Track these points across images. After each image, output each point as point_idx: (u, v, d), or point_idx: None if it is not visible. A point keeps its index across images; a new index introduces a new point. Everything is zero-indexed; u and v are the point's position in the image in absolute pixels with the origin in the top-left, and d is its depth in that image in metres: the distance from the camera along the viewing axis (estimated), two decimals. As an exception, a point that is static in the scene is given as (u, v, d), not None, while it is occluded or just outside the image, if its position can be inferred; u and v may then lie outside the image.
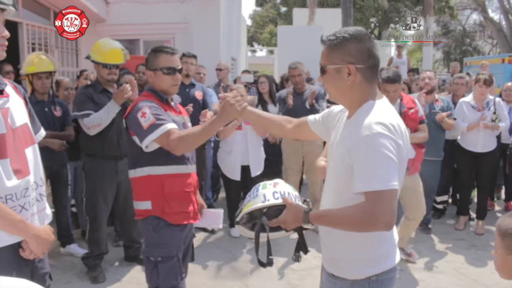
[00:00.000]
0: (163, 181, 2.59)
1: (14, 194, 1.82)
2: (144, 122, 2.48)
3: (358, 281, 1.81)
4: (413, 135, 4.10)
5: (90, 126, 3.86)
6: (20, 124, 1.92)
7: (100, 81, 4.07)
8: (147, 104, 2.55)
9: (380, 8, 19.19)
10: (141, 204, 2.65)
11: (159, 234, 2.61)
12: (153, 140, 2.47)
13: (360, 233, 1.70)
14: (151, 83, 2.74)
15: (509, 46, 25.33)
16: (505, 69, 12.06)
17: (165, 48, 2.75)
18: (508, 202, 5.99)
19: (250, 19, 29.76)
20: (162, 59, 2.68)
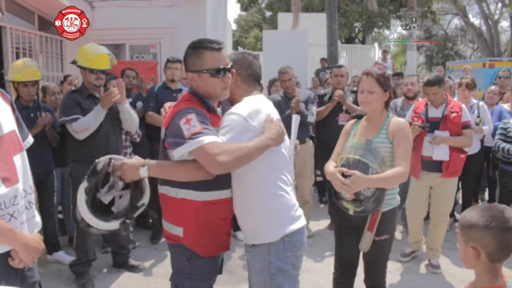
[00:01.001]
0: (198, 208, 2.22)
1: (3, 202, 1.80)
2: (187, 130, 2.07)
3: (274, 243, 2.18)
4: (452, 138, 4.15)
5: (79, 131, 3.84)
6: (7, 131, 1.90)
7: (86, 86, 4.05)
8: (194, 111, 2.14)
9: (364, 13, 19.41)
10: (172, 228, 2.30)
11: (193, 265, 2.29)
12: (191, 150, 2.07)
13: (270, 201, 2.18)
14: (195, 87, 2.27)
15: (489, 51, 25.84)
16: (486, 73, 12.30)
17: (209, 43, 2.22)
18: (492, 203, 6.08)
19: (235, 24, 29.87)
20: (208, 57, 2.19)
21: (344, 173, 2.63)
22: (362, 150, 2.75)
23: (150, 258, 4.65)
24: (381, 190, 2.68)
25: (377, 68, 2.91)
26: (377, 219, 2.77)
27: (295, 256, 2.24)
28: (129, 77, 5.37)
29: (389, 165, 2.72)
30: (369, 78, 2.81)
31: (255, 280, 2.29)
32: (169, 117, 2.21)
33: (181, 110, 2.15)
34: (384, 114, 2.87)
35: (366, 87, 2.81)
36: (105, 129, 3.99)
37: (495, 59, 15.93)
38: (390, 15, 21.62)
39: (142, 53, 8.06)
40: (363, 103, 2.85)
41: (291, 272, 2.24)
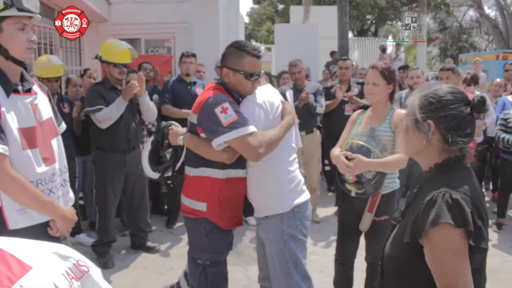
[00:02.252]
0: (221, 185, 2.47)
1: (43, 179, 2.09)
2: (224, 119, 2.25)
3: (286, 213, 2.49)
4: None
5: (101, 120, 4.12)
6: (46, 118, 2.19)
7: (109, 79, 4.33)
8: (228, 100, 2.33)
9: (376, 5, 19.45)
10: (195, 204, 2.53)
11: (211, 239, 2.53)
12: (231, 139, 2.27)
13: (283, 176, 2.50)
14: (227, 82, 2.48)
15: (504, 42, 25.60)
16: (499, 65, 12.34)
17: (252, 49, 2.44)
18: (495, 192, 6.27)
19: (247, 17, 30.00)
20: (248, 61, 2.42)
21: (348, 156, 2.87)
22: (366, 137, 2.98)
23: (166, 241, 4.94)
24: (381, 174, 2.91)
25: (383, 62, 3.15)
26: (377, 201, 3.01)
27: (303, 225, 2.55)
28: (146, 69, 5.65)
29: (390, 152, 2.94)
30: (374, 71, 3.04)
31: (268, 247, 2.56)
32: (199, 104, 2.41)
33: (213, 96, 2.35)
34: (388, 105, 3.10)
35: (371, 80, 3.04)
36: (126, 120, 4.27)
37: (508, 51, 15.91)
38: (402, 7, 21.60)
39: (157, 47, 8.34)
40: (368, 94, 3.10)
41: (301, 239, 2.55)
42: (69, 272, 1.40)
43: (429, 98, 1.56)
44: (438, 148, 1.57)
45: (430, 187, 1.54)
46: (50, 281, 1.31)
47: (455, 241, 1.41)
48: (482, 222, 1.45)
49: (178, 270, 4.21)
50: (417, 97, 1.61)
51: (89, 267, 1.48)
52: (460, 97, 1.56)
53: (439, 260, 1.43)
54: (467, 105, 1.56)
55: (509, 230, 5.33)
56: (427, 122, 1.55)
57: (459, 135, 1.53)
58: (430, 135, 1.55)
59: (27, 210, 2.05)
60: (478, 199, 1.48)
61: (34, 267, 1.30)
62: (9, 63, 2.06)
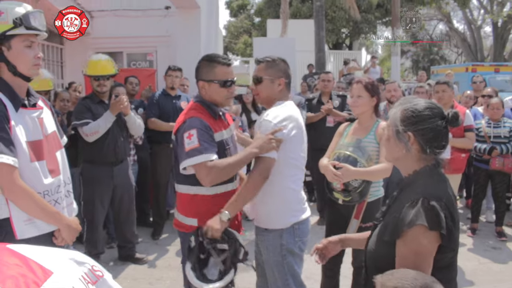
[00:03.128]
0: (209, 201, 2.53)
1: (50, 190, 2.18)
2: (187, 144, 2.40)
3: (286, 229, 2.55)
4: (454, 140, 4.71)
5: (89, 134, 4.19)
6: (51, 131, 2.29)
7: (95, 93, 4.41)
8: (197, 126, 2.43)
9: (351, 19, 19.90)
10: (186, 220, 2.60)
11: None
12: (191, 165, 2.41)
13: (286, 195, 2.55)
14: (203, 94, 2.59)
15: (472, 55, 26.52)
16: (468, 77, 12.83)
17: (221, 58, 2.59)
18: (468, 199, 6.54)
19: (224, 30, 30.24)
20: (219, 70, 2.54)
21: (335, 165, 3.04)
22: (353, 147, 3.16)
23: (153, 252, 5.00)
24: (367, 182, 3.09)
25: (367, 78, 3.37)
26: (363, 208, 3.19)
27: (302, 241, 2.63)
28: (132, 83, 5.73)
29: (375, 161, 3.12)
30: (359, 85, 3.26)
31: (267, 258, 2.62)
32: (178, 123, 2.54)
33: (188, 121, 2.46)
34: (373, 117, 3.30)
35: (355, 93, 3.25)
36: (113, 133, 4.34)
37: (477, 64, 16.54)
38: (376, 21, 22.18)
39: (139, 61, 8.42)
40: (353, 107, 3.31)
41: (299, 254, 2.64)
42: (85, 277, 1.51)
43: (410, 112, 1.72)
44: (416, 156, 1.73)
45: (410, 191, 1.71)
46: (69, 285, 1.41)
47: (426, 242, 1.58)
48: (454, 225, 1.63)
49: (167, 280, 4.29)
50: (398, 110, 1.76)
51: (103, 272, 1.59)
52: (437, 112, 1.72)
53: (407, 255, 1.60)
54: (443, 119, 1.72)
55: (482, 235, 5.58)
56: (407, 134, 1.71)
57: (435, 146, 1.70)
58: (410, 145, 1.71)
59: (35, 220, 2.13)
60: (451, 204, 1.66)
61: (55, 272, 1.41)
62: (17, 79, 2.16)
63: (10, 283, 1.27)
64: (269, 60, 2.63)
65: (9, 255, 1.38)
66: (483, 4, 27.36)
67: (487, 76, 11.10)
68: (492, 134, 5.41)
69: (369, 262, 1.84)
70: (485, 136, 5.41)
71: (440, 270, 1.66)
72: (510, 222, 5.92)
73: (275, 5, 21.75)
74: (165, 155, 5.32)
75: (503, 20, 24.14)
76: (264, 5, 23.69)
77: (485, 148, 5.32)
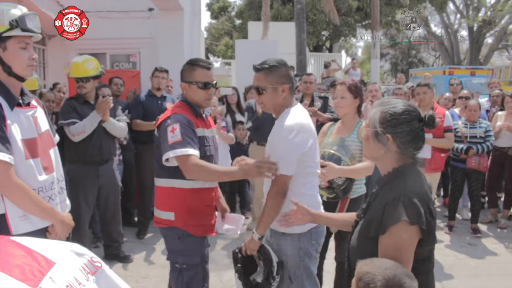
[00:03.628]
0: (186, 195, 2.68)
1: (44, 187, 2.24)
2: (171, 138, 2.55)
3: (303, 233, 2.57)
4: (435, 140, 4.91)
5: (75, 133, 4.21)
6: (44, 129, 2.35)
7: (79, 94, 4.43)
8: (180, 121, 2.59)
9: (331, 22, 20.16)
10: (163, 214, 2.74)
11: (184, 243, 2.72)
12: (174, 156, 2.54)
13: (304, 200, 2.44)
14: (185, 95, 2.79)
15: (450, 58, 27.06)
16: (446, 79, 13.15)
17: (202, 62, 2.77)
18: (446, 198, 6.75)
19: (206, 32, 30.24)
20: (199, 73, 2.73)
21: (320, 164, 3.15)
22: (336, 146, 3.29)
23: (139, 251, 5.05)
24: (350, 180, 3.21)
25: (351, 79, 3.49)
26: (346, 204, 3.32)
27: (318, 243, 2.68)
28: (117, 84, 5.77)
29: (358, 160, 3.25)
30: (342, 86, 3.39)
31: (285, 260, 2.61)
32: (161, 118, 2.71)
33: (172, 116, 2.63)
34: (356, 118, 3.43)
35: (339, 94, 3.38)
36: (99, 134, 4.36)
37: (454, 67, 16.94)
38: (356, 24, 22.48)
39: (122, 62, 8.42)
40: (337, 107, 3.43)
41: (315, 255, 2.69)
42: (85, 268, 1.59)
43: (388, 115, 1.80)
44: (395, 156, 1.82)
45: (389, 189, 1.81)
46: (71, 275, 1.49)
47: (408, 236, 1.69)
48: (432, 219, 1.75)
49: (154, 278, 4.35)
50: (378, 112, 1.83)
51: (102, 263, 1.67)
52: (414, 115, 1.81)
53: (390, 250, 1.69)
54: (420, 122, 1.82)
55: (459, 232, 5.78)
56: (386, 136, 1.79)
57: (413, 147, 1.81)
58: (389, 146, 1.80)
59: (29, 216, 2.19)
60: (429, 199, 1.77)
61: (57, 262, 1.49)
62: (11, 79, 2.21)
63: (17, 272, 1.34)
64: (267, 66, 2.54)
65: (14, 247, 1.45)
66: (459, 9, 27.97)
67: (464, 79, 11.41)
68: (469, 134, 5.61)
69: (352, 257, 1.92)
70: (462, 136, 5.61)
71: (419, 262, 1.77)
72: (485, 220, 6.14)
73: (256, 8, 21.86)
74: (151, 155, 5.28)
75: (478, 25, 24.72)
76: (245, 8, 23.78)
77: (462, 148, 5.52)
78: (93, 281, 1.57)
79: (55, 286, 1.35)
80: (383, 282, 1.48)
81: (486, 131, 5.57)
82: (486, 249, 5.24)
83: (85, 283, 1.48)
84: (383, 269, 1.51)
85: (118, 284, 1.62)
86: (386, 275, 1.49)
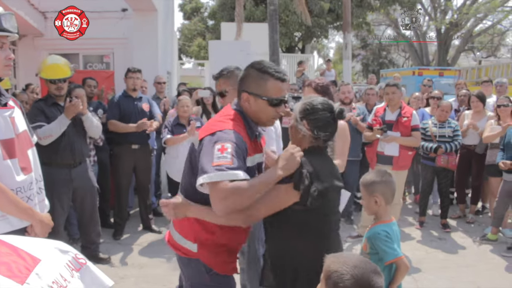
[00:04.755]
0: (214, 231, 2.17)
1: (22, 187, 2.24)
2: (216, 158, 1.94)
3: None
4: (402, 138, 5.07)
5: (42, 137, 4.10)
6: (22, 130, 2.35)
7: (50, 95, 4.37)
8: (235, 141, 2.01)
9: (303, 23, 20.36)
10: (185, 242, 2.24)
11: (213, 277, 2.23)
12: (212, 182, 1.91)
13: None
14: (245, 108, 2.19)
15: (419, 59, 27.70)
16: (416, 80, 13.50)
17: (275, 71, 2.16)
18: (417, 195, 6.95)
19: (178, 32, 30.08)
20: (272, 85, 2.14)
21: None
22: None
23: (116, 252, 5.03)
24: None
25: (317, 79, 3.57)
26: None
27: None
28: (90, 86, 5.72)
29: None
30: (309, 88, 3.49)
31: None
32: (207, 130, 2.11)
33: (225, 131, 2.04)
34: None
35: (307, 95, 3.44)
36: (69, 136, 4.31)
37: (423, 68, 17.37)
38: (328, 26, 22.75)
39: (96, 63, 8.35)
40: None
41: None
42: (70, 265, 1.61)
43: (306, 105, 2.16)
44: (309, 139, 2.16)
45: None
46: (56, 272, 1.52)
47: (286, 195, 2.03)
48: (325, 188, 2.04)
49: (132, 278, 4.36)
50: (299, 104, 2.20)
51: (86, 260, 1.70)
52: (327, 107, 2.16)
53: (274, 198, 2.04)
54: (331, 113, 2.15)
55: (429, 227, 5.97)
56: (303, 122, 2.14)
57: (323, 132, 2.13)
58: (305, 130, 2.13)
59: (7, 217, 2.18)
60: (325, 176, 2.08)
61: (43, 259, 1.51)
62: (-12, 79, 2.20)
63: (4, 269, 1.36)
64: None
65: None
66: (427, 11, 28.66)
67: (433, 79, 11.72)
68: (438, 133, 5.79)
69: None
70: (431, 135, 5.79)
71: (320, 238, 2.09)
72: (453, 215, 6.36)
73: (229, 8, 21.88)
74: (127, 156, 5.36)
75: (446, 27, 25.39)
76: (217, 8, 23.76)
77: (431, 147, 5.70)
78: (77, 277, 1.59)
79: (41, 283, 1.38)
80: (352, 282, 1.49)
81: (454, 130, 5.76)
82: (455, 243, 5.44)
83: (70, 280, 1.51)
84: (351, 267, 1.52)
85: (103, 280, 1.65)
86: (355, 274, 1.50)
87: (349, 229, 5.78)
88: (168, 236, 2.38)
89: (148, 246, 5.20)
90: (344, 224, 5.92)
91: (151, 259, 4.80)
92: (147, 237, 5.49)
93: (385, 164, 5.03)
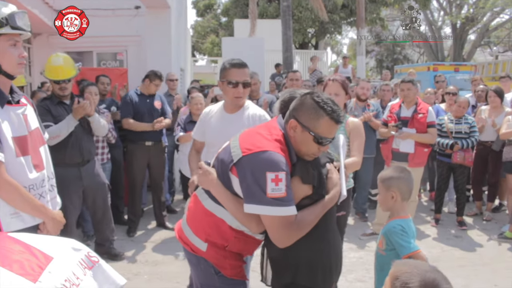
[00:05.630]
0: (232, 234, 2.12)
1: (35, 184, 2.25)
2: (271, 190, 1.89)
3: None
4: (418, 135, 5.01)
5: (49, 137, 4.12)
6: (34, 127, 2.35)
7: (55, 94, 4.35)
8: (286, 170, 1.94)
9: (316, 19, 20.25)
10: (194, 238, 2.20)
11: (222, 279, 2.18)
12: (266, 214, 1.92)
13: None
14: (290, 136, 2.07)
15: (434, 55, 27.39)
16: (430, 76, 13.32)
17: (334, 111, 2.01)
18: (432, 192, 6.86)
19: (192, 29, 30.16)
20: (326, 124, 2.01)
21: None
22: None
23: (129, 248, 5.04)
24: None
25: (339, 75, 3.52)
26: None
27: None
28: (104, 83, 5.74)
29: (346, 155, 3.30)
30: (335, 83, 3.38)
31: None
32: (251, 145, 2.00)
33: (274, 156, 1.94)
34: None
35: (333, 91, 3.37)
36: (77, 135, 4.29)
37: (438, 63, 17.14)
38: (341, 22, 22.61)
39: (109, 60, 8.40)
40: None
41: None
42: (82, 263, 1.61)
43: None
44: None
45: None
46: (69, 270, 1.51)
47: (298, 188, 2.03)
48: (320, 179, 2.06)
49: (145, 275, 4.37)
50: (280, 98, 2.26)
51: (98, 258, 1.69)
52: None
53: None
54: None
55: (445, 224, 5.89)
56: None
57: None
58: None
59: (20, 214, 2.19)
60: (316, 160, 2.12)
61: (55, 257, 1.51)
62: (1, 77, 2.21)
63: (17, 267, 1.36)
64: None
65: (12, 242, 1.46)
66: (442, 6, 28.31)
67: (448, 75, 11.55)
68: (454, 130, 5.70)
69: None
70: (447, 131, 5.70)
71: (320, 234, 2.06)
72: (470, 213, 6.26)
73: (242, 5, 21.88)
74: (140, 153, 5.38)
75: (461, 22, 25.05)
76: (231, 5, 23.77)
77: (447, 143, 5.61)
78: (90, 275, 1.59)
79: (54, 281, 1.37)
80: (421, 283, 1.47)
81: (471, 126, 5.66)
82: (472, 240, 5.35)
83: (83, 278, 1.50)
84: (423, 271, 1.51)
85: (115, 279, 1.65)
86: (426, 277, 1.48)
87: (364, 226, 5.74)
88: (178, 230, 2.35)
89: (161, 243, 5.22)
90: (358, 222, 5.87)
91: (165, 256, 4.81)
92: (161, 234, 5.50)
93: (401, 161, 4.98)
